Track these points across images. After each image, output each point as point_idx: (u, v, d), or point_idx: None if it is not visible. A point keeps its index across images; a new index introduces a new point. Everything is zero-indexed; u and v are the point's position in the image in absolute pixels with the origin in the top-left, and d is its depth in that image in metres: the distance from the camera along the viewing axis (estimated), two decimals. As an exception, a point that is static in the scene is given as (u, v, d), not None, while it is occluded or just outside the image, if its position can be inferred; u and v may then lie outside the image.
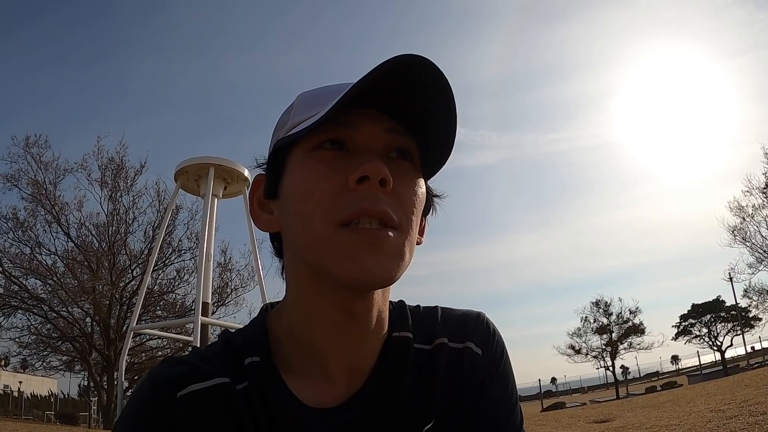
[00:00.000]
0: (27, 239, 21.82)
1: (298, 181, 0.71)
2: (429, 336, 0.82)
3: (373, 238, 0.66)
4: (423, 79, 0.67)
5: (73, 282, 21.94)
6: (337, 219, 0.67)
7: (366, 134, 0.71)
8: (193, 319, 11.00)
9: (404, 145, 0.73)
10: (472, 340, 0.83)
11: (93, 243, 22.99)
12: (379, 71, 0.64)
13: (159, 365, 0.74)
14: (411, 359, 0.79)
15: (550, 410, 27.64)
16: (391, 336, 0.79)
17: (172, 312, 23.61)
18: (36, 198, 21.55)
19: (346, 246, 0.66)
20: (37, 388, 53.41)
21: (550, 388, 76.01)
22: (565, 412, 16.01)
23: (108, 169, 22.58)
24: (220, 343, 0.78)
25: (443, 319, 0.85)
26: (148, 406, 0.69)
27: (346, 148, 0.71)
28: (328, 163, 0.69)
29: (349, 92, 0.64)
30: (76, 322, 22.60)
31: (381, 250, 0.67)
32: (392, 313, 0.82)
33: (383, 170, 0.66)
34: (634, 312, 38.76)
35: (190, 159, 12.36)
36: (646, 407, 12.27)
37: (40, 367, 26.75)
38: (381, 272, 0.66)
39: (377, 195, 0.67)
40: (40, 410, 43.56)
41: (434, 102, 0.69)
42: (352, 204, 0.67)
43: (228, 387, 0.71)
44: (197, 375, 0.71)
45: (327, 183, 0.68)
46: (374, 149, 0.71)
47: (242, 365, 0.73)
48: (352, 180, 0.67)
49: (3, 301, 22.01)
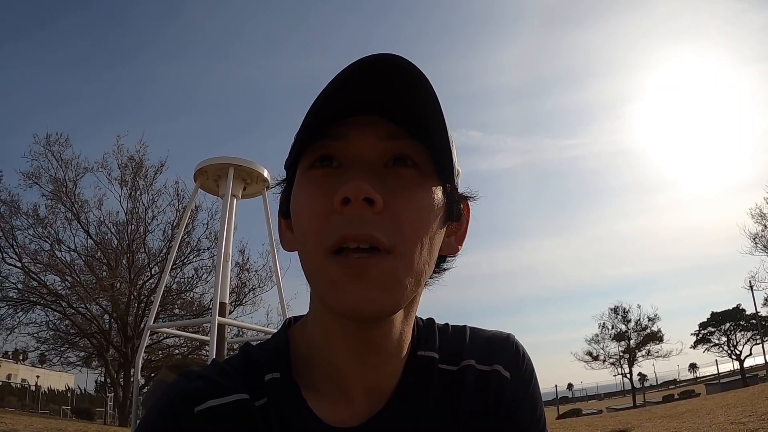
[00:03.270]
0: (47, 236, 22.09)
1: (295, 204, 0.68)
2: (456, 357, 0.79)
3: (360, 268, 0.61)
4: (399, 77, 0.61)
5: (91, 279, 22.13)
6: (326, 245, 0.62)
7: (357, 145, 0.65)
8: (210, 318, 11.00)
9: (403, 150, 0.66)
10: (500, 363, 0.80)
11: (112, 241, 23.20)
12: (341, 76, 0.60)
13: (177, 378, 0.72)
14: (435, 380, 0.76)
15: (567, 417, 27.50)
16: (416, 355, 0.76)
17: (189, 311, 23.75)
18: (56, 195, 21.78)
19: (335, 277, 0.62)
20: (54, 383, 54.02)
21: (567, 394, 75.76)
22: (582, 420, 15.88)
23: (128, 167, 22.80)
24: (241, 357, 0.76)
25: (471, 339, 0.82)
26: (164, 420, 0.67)
27: (339, 163, 0.66)
28: (319, 183, 0.65)
29: (315, 105, 0.61)
30: (94, 319, 22.79)
31: (369, 281, 0.61)
32: (419, 331, 0.79)
33: (363, 188, 0.60)
34: (652, 319, 38.56)
35: (210, 159, 12.34)
36: (665, 417, 12.13)
37: (57, 363, 27.00)
38: (370, 305, 0.61)
39: (362, 216, 0.61)
40: (57, 405, 44.00)
41: (416, 99, 0.63)
42: (337, 229, 0.62)
43: (247, 404, 0.68)
44: (216, 390, 0.69)
45: (316, 206, 0.64)
46: (367, 161, 0.65)
47: (262, 381, 0.71)
48: (335, 202, 0.62)
49: (22, 296, 22.26)
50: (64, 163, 21.87)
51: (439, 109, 0.63)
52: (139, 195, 22.98)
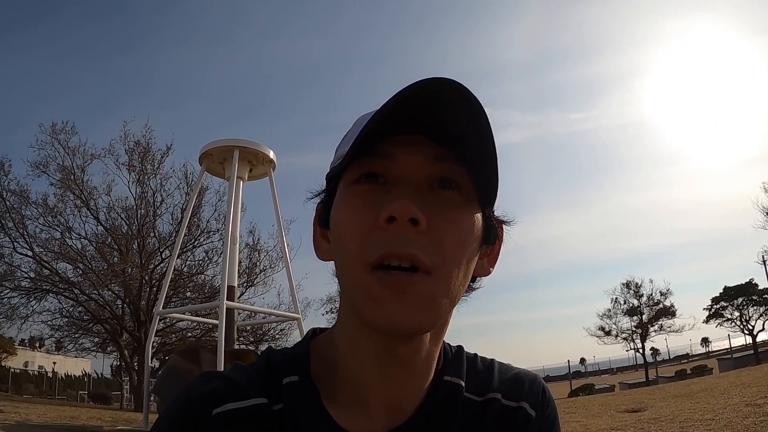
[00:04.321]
0: (57, 224, 22.22)
1: (337, 215, 0.69)
2: (481, 389, 0.79)
3: (401, 285, 0.62)
4: (453, 101, 0.62)
5: (102, 265, 22.26)
6: (367, 260, 0.63)
7: (404, 165, 0.66)
8: (218, 303, 11.01)
9: (448, 174, 0.67)
10: (527, 401, 0.80)
11: (122, 226, 23.30)
12: (398, 97, 0.61)
13: (198, 378, 0.73)
14: (460, 407, 0.76)
15: (579, 392, 27.56)
16: (442, 379, 0.77)
17: (201, 293, 23.90)
18: (65, 183, 21.86)
19: (374, 292, 0.63)
20: (71, 368, 54.61)
21: (580, 369, 75.95)
22: (595, 399, 15.83)
23: (135, 152, 22.81)
24: (263, 361, 0.77)
25: (499, 374, 0.83)
26: (181, 420, 0.68)
27: (385, 180, 0.67)
28: (363, 199, 0.66)
29: (369, 123, 0.62)
30: (107, 305, 22.97)
31: (408, 298, 0.62)
32: (447, 356, 0.80)
33: (410, 209, 0.61)
34: (665, 294, 38.45)
35: (215, 141, 12.35)
36: (679, 397, 12.09)
37: (72, 349, 27.27)
38: (407, 322, 0.63)
39: (406, 236, 0.62)
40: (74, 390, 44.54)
41: (467, 124, 0.64)
42: (381, 245, 0.63)
43: (265, 408, 0.70)
44: (235, 393, 0.70)
45: (360, 220, 0.65)
46: (412, 181, 0.66)
47: (280, 385, 0.72)
48: (381, 219, 0.63)
49: (34, 285, 22.44)
50: (71, 151, 21.95)
51: (490, 136, 0.64)
52: (147, 179, 23.05)
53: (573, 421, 10.34)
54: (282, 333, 25.43)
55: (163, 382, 10.70)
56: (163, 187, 23.26)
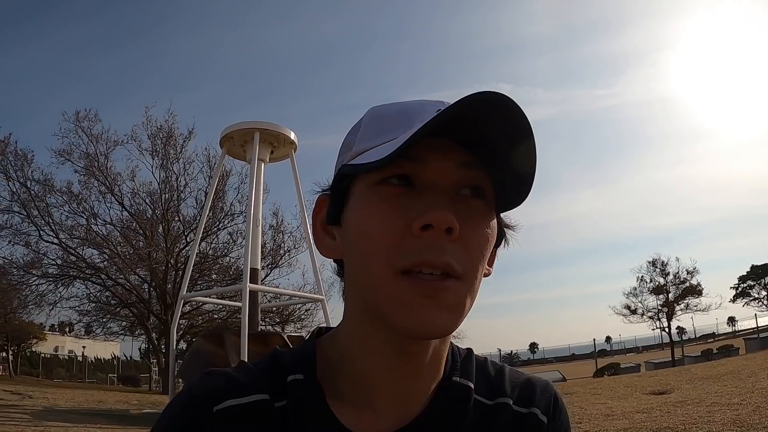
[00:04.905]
0: (82, 211, 22.56)
1: (360, 217, 0.67)
2: (491, 392, 0.78)
3: (433, 290, 0.62)
4: (502, 117, 0.61)
5: (128, 250, 22.53)
6: (396, 266, 0.62)
7: (435, 170, 0.65)
8: (242, 285, 11.06)
9: (477, 181, 0.67)
10: (538, 407, 0.79)
11: (147, 211, 23.59)
12: (456, 109, 0.59)
13: (201, 376, 0.73)
14: (470, 409, 0.75)
15: (604, 371, 27.48)
16: (451, 380, 0.76)
17: (227, 275, 24.16)
18: (89, 170, 22.15)
19: (405, 296, 0.62)
20: (100, 352, 55.60)
21: (605, 347, 75.69)
22: (621, 380, 15.74)
23: (157, 137, 23.00)
24: (268, 360, 0.76)
25: (510, 379, 0.81)
26: (183, 418, 0.68)
27: (413, 184, 0.66)
28: (392, 202, 0.65)
29: (421, 130, 0.59)
30: (134, 289, 23.30)
31: (440, 303, 0.62)
32: (456, 358, 0.79)
33: (449, 219, 0.61)
34: (691, 272, 37.95)
35: (235, 124, 12.34)
36: (705, 379, 11.96)
37: (100, 333, 27.71)
38: (439, 326, 0.63)
39: (442, 245, 0.62)
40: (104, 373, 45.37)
41: (504, 135, 0.63)
42: (415, 253, 0.62)
43: (266, 404, 0.69)
44: (236, 390, 0.69)
45: (389, 225, 0.64)
46: (443, 187, 0.65)
47: (285, 382, 0.72)
48: (415, 227, 0.62)
49: (61, 271, 22.79)
50: (94, 138, 22.22)
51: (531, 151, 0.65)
52: (170, 164, 23.26)
53: (598, 403, 10.29)
54: (307, 313, 25.67)
55: (188, 366, 10.80)
56: (187, 171, 23.53)
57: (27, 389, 17.77)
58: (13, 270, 22.50)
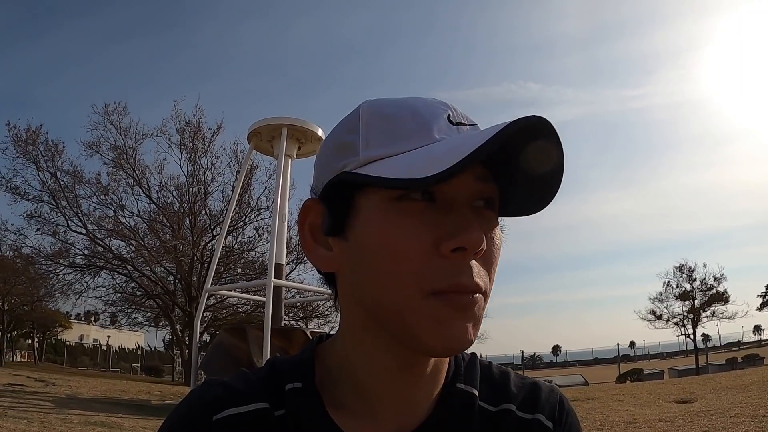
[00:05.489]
0: (110, 202, 22.86)
1: (381, 234, 0.63)
2: (495, 398, 0.76)
3: (465, 305, 0.61)
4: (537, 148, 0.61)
5: (155, 242, 22.79)
6: (427, 288, 0.60)
7: (456, 184, 0.63)
8: (266, 280, 11.12)
9: (491, 194, 0.66)
10: (542, 413, 0.77)
11: (174, 204, 23.82)
12: (500, 136, 0.56)
13: (200, 386, 0.73)
14: (476, 417, 0.73)
15: (628, 377, 27.19)
16: (455, 387, 0.74)
17: (252, 270, 24.30)
18: (117, 163, 22.43)
19: (439, 315, 0.60)
20: (124, 342, 56.35)
21: (629, 352, 74.96)
22: (644, 387, 15.56)
23: (186, 131, 23.21)
24: (267, 368, 0.75)
25: (515, 384, 0.79)
26: (182, 427, 0.68)
27: (434, 198, 0.63)
28: (417, 219, 0.62)
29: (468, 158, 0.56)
30: (159, 281, 23.55)
31: (467, 318, 0.62)
32: (459, 364, 0.78)
33: (482, 241, 0.61)
34: (718, 279, 37.40)
35: (263, 120, 12.40)
36: (730, 389, 11.77)
37: (125, 323, 28.06)
38: (469, 340, 0.62)
39: (474, 266, 0.62)
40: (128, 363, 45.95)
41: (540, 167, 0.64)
42: (447, 276, 0.60)
43: (266, 413, 0.68)
44: (236, 398, 0.69)
45: (417, 245, 0.61)
46: (462, 200, 0.64)
47: (283, 391, 0.71)
48: (446, 248, 0.60)
49: (88, 262, 23.12)
50: (123, 131, 22.54)
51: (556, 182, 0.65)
52: (198, 158, 23.46)
53: (621, 410, 10.18)
54: (331, 309, 25.73)
55: (210, 359, 10.89)
56: (214, 165, 23.70)
57: (51, 377, 18.05)
58: (41, 259, 22.92)
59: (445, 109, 0.67)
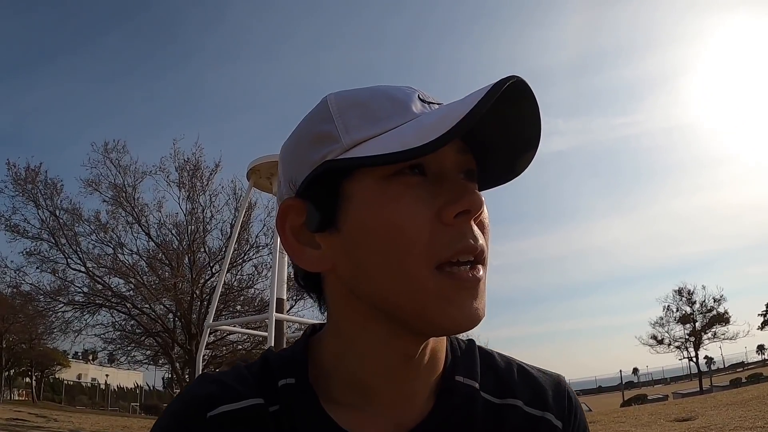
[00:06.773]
0: (109, 240, 22.74)
1: (382, 213, 0.61)
2: (499, 389, 0.74)
3: (473, 281, 0.61)
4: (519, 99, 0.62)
5: (154, 279, 22.70)
6: (435, 260, 0.60)
7: (441, 157, 0.64)
8: (268, 315, 11.13)
9: (471, 165, 0.67)
10: (551, 411, 0.74)
11: (173, 242, 23.71)
12: (489, 98, 0.56)
13: (194, 382, 0.72)
14: (480, 410, 0.71)
15: (631, 403, 27.02)
16: (454, 380, 0.72)
17: (251, 307, 24.14)
18: (116, 201, 22.38)
19: (448, 293, 0.60)
20: (123, 380, 55.73)
21: (632, 379, 74.30)
22: (646, 409, 15.51)
23: (184, 170, 23.24)
24: (260, 363, 0.74)
25: (520, 376, 0.77)
26: (176, 425, 0.66)
27: (424, 172, 0.63)
28: (416, 193, 0.61)
29: (463, 120, 0.56)
30: (159, 318, 23.37)
31: (476, 293, 0.62)
32: (456, 353, 0.76)
33: (483, 201, 0.62)
34: (718, 300, 37.41)
35: (262, 157, 12.49)
36: (731, 405, 11.75)
37: (124, 362, 27.82)
38: (480, 316, 0.62)
39: (474, 229, 0.62)
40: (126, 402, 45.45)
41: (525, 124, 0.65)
42: (453, 242, 0.60)
43: (260, 409, 0.67)
44: (230, 395, 0.68)
45: (420, 218, 0.60)
46: (450, 172, 0.64)
47: (276, 387, 0.69)
48: (448, 215, 0.60)
49: (87, 299, 22.99)
50: (122, 169, 22.47)
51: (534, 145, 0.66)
52: (197, 196, 23.45)
53: (622, 431, 10.18)
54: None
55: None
56: (213, 203, 23.67)
57: (51, 413, 17.89)
58: (39, 297, 22.77)
59: (414, 90, 0.66)
